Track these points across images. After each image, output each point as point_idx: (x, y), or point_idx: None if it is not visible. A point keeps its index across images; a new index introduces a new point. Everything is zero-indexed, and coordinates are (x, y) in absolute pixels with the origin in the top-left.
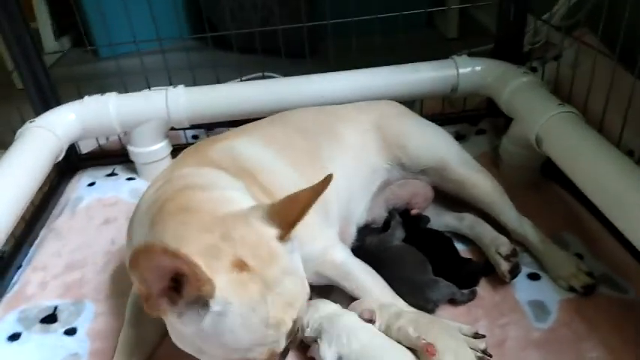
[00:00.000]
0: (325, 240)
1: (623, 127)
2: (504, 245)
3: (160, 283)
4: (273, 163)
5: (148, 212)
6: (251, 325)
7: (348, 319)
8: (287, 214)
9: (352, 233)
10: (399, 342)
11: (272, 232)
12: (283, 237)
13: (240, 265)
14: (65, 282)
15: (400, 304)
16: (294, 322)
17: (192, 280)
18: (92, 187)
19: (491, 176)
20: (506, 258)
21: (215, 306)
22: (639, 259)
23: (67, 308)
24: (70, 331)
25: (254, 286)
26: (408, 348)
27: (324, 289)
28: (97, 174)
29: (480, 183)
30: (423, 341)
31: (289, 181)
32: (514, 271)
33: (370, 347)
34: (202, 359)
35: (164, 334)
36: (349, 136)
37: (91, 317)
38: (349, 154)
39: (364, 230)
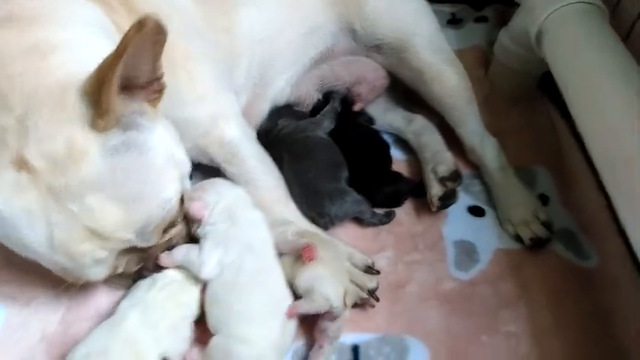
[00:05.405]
0: (218, 106)
1: None
2: (444, 164)
3: None
4: None
5: None
6: (24, 240)
7: (253, 215)
8: (98, 87)
9: (262, 111)
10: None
11: (85, 115)
12: (97, 123)
13: (20, 164)
14: None
15: (291, 210)
16: (133, 253)
17: None
18: None
19: (463, 73)
20: (442, 181)
21: None
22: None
23: None
24: None
25: (32, 193)
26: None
27: None
28: None
29: (445, 77)
30: (303, 241)
31: (185, 20)
32: (445, 200)
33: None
34: None
35: None
36: None
37: None
38: None
39: (283, 110)
